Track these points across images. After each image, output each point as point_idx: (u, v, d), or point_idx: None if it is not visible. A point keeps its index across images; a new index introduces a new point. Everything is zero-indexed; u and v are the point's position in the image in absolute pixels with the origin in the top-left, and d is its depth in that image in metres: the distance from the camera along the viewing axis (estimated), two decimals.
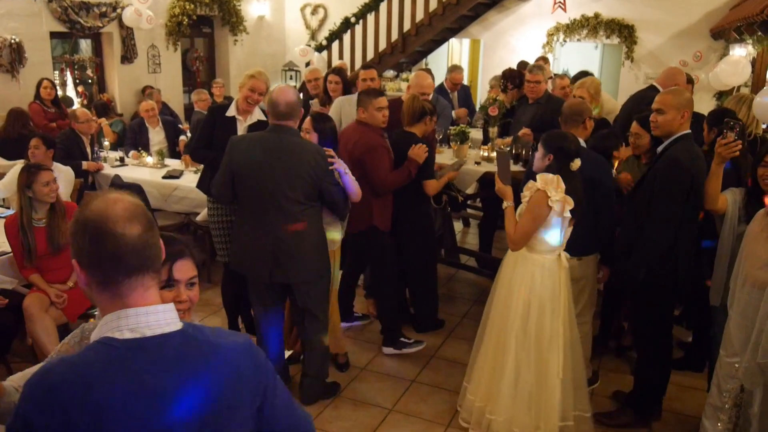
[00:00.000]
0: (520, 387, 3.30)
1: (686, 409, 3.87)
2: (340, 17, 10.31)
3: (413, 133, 4.24)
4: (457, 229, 7.10)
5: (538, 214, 3.12)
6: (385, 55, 9.97)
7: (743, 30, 6.43)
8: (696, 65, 8.85)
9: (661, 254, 3.32)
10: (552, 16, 9.71)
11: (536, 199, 3.13)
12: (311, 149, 3.45)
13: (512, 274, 3.33)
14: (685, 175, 3.24)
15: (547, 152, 3.21)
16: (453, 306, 5.22)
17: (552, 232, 3.19)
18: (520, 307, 3.26)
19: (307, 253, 3.52)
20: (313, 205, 3.50)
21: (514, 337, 3.28)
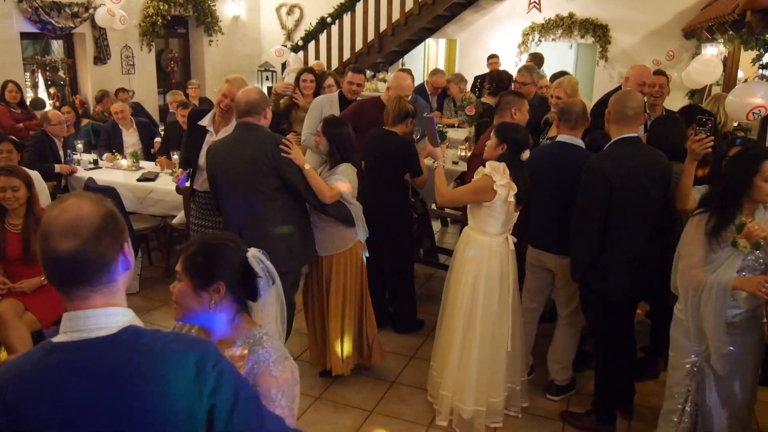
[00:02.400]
0: (465, 363, 3.49)
1: None
2: (316, 17, 10.28)
3: (395, 132, 4.26)
4: (435, 229, 7.12)
5: (477, 192, 3.40)
6: (361, 55, 9.96)
7: (714, 29, 6.52)
8: (669, 64, 8.98)
9: (589, 262, 3.34)
10: (527, 16, 9.79)
11: (481, 181, 3.39)
12: (268, 139, 3.50)
13: (463, 256, 3.53)
14: (601, 182, 3.21)
15: (501, 142, 3.41)
16: (432, 306, 5.20)
17: (498, 216, 3.43)
18: (469, 285, 3.47)
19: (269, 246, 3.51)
20: (279, 197, 3.52)
21: (462, 313, 3.48)
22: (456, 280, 3.56)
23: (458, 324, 3.51)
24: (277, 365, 1.74)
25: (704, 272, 2.76)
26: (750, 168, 2.67)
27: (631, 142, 3.28)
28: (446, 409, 3.61)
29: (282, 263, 3.66)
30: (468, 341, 3.49)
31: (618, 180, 3.19)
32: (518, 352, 3.65)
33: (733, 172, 2.75)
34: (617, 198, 3.20)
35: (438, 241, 6.95)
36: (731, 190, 2.72)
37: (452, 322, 3.56)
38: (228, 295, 1.80)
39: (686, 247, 2.85)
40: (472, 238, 3.51)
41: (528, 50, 9.92)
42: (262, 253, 1.89)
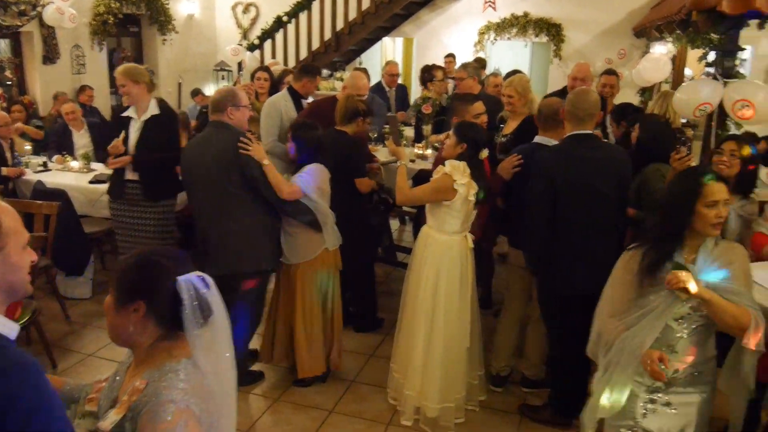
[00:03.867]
0: (429, 362, 3.51)
1: None
2: (273, 16, 10.19)
3: (344, 131, 4.25)
4: (393, 227, 7.13)
5: (438, 191, 3.41)
6: (318, 54, 9.92)
7: (663, 28, 6.69)
8: (620, 62, 9.16)
9: (538, 257, 3.44)
10: (483, 14, 9.89)
11: (442, 180, 3.39)
12: (231, 136, 3.53)
13: (422, 255, 3.53)
14: (544, 179, 3.29)
15: (460, 141, 3.43)
16: (391, 304, 5.21)
17: (457, 215, 3.44)
18: (430, 284, 3.48)
19: (234, 246, 3.63)
20: (244, 196, 3.56)
21: (424, 313, 3.50)
22: (416, 280, 3.56)
23: (420, 324, 3.52)
24: (161, 410, 1.48)
25: (621, 322, 2.34)
26: (690, 193, 2.25)
27: (583, 138, 3.32)
28: (411, 409, 3.62)
29: (248, 264, 3.71)
30: (431, 340, 3.51)
31: (562, 177, 3.23)
32: (476, 348, 3.70)
33: (672, 199, 2.34)
34: (562, 194, 3.24)
35: (396, 239, 6.98)
36: (670, 220, 2.32)
37: (414, 322, 3.56)
38: (149, 317, 1.60)
39: (610, 290, 2.46)
40: (431, 237, 3.52)
41: (484, 49, 10.03)
42: (203, 282, 1.63)
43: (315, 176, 3.69)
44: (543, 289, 3.58)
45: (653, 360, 2.20)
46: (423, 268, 3.52)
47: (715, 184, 2.23)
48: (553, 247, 3.33)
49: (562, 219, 3.29)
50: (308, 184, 3.65)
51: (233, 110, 3.60)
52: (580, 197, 3.25)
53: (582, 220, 3.28)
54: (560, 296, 3.44)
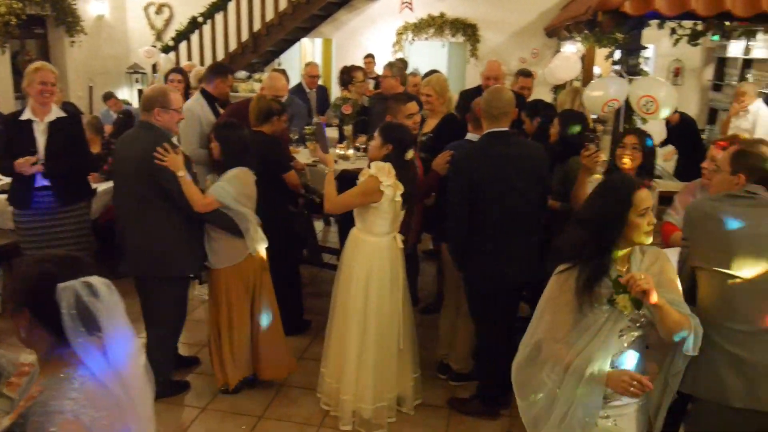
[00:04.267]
0: (363, 364, 3.52)
1: None
2: (187, 17, 9.94)
3: (261, 131, 4.20)
4: (318, 228, 7.11)
5: (365, 194, 3.40)
6: (236, 56, 9.75)
7: (572, 28, 6.95)
8: (533, 62, 9.46)
9: (460, 251, 3.52)
10: (400, 15, 9.99)
11: (368, 183, 3.38)
12: (152, 141, 3.45)
13: (352, 259, 3.53)
14: (461, 176, 3.38)
15: (386, 142, 3.43)
16: (318, 305, 5.20)
17: (386, 216, 3.46)
18: (361, 287, 3.47)
19: (148, 250, 3.62)
20: (160, 200, 3.50)
21: (356, 316, 3.49)
22: (346, 283, 3.55)
23: (352, 327, 3.51)
24: (47, 420, 1.42)
25: (569, 347, 2.22)
26: (623, 204, 2.19)
27: (499, 135, 3.40)
28: (348, 413, 3.59)
29: (163, 268, 3.65)
30: (364, 343, 3.51)
31: (478, 173, 3.31)
32: (409, 349, 3.71)
33: (603, 212, 2.22)
34: (479, 191, 3.32)
35: (321, 240, 6.96)
36: (604, 234, 2.20)
37: (346, 325, 3.54)
38: (36, 324, 1.53)
39: (549, 315, 2.31)
40: (360, 240, 3.52)
41: (402, 49, 10.14)
42: (89, 289, 1.53)
43: (234, 184, 3.62)
44: (466, 284, 3.67)
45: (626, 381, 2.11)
46: (353, 271, 3.51)
47: (643, 191, 2.22)
48: (474, 243, 3.41)
49: (480, 215, 3.36)
50: (226, 195, 3.57)
51: (161, 112, 3.52)
52: (498, 194, 3.33)
53: (500, 216, 3.36)
54: (483, 291, 3.52)
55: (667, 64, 9.69)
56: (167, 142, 3.49)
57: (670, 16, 4.36)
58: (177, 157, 3.45)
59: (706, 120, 9.66)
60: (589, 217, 2.26)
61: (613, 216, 2.19)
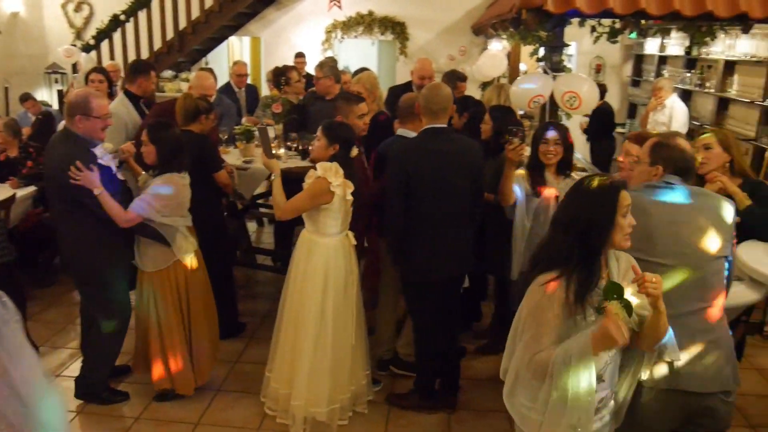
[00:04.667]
0: (318, 368, 3.45)
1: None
2: (108, 14, 9.60)
3: (189, 130, 4.10)
4: (251, 230, 7.03)
5: (315, 196, 3.35)
6: (161, 55, 9.49)
7: (498, 26, 7.10)
8: (462, 59, 9.63)
9: (397, 245, 3.55)
10: (329, 13, 9.95)
11: (317, 184, 3.34)
12: (67, 155, 3.33)
13: (306, 262, 3.46)
14: (398, 170, 3.41)
15: (332, 142, 3.40)
16: (253, 307, 5.16)
17: (337, 216, 3.43)
18: (318, 290, 3.42)
19: (68, 250, 3.59)
20: (75, 210, 3.42)
21: (313, 319, 3.42)
22: (300, 288, 3.47)
23: (308, 332, 3.43)
24: None
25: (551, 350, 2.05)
26: (611, 205, 2.08)
27: (437, 132, 3.45)
28: (300, 418, 3.51)
29: (82, 274, 3.59)
30: (320, 346, 3.45)
31: (415, 167, 3.36)
32: (361, 345, 3.69)
33: (591, 215, 2.07)
34: (416, 186, 3.37)
35: (255, 241, 6.88)
36: (592, 238, 2.06)
37: (298, 330, 3.47)
38: None
39: (532, 330, 2.10)
40: (313, 242, 3.47)
41: (331, 47, 10.12)
42: None
43: (159, 198, 3.49)
44: (402, 278, 3.71)
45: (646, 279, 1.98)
46: (308, 275, 3.44)
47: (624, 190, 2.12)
48: (411, 237, 3.46)
49: (417, 210, 3.41)
50: (149, 209, 3.46)
51: (82, 119, 3.39)
52: (434, 189, 3.38)
53: (437, 210, 3.42)
54: (418, 284, 3.58)
55: (589, 61, 10.05)
56: (86, 153, 3.36)
57: (590, 14, 4.52)
58: (92, 175, 3.32)
59: (626, 114, 10.07)
60: (574, 221, 2.08)
61: (602, 218, 2.06)
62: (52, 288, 5.51)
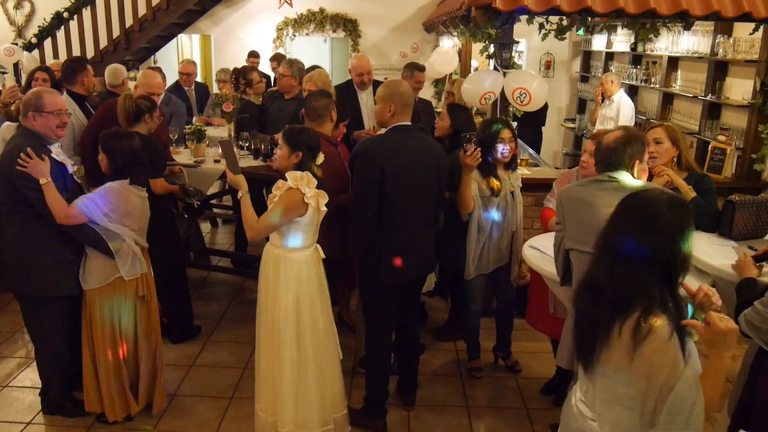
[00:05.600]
0: (301, 388, 3.28)
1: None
2: (50, 12, 9.32)
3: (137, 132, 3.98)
4: (205, 231, 6.93)
5: (289, 210, 3.10)
6: (107, 53, 9.25)
7: (449, 23, 7.14)
8: (414, 56, 9.65)
9: (366, 247, 3.38)
10: (280, 11, 9.87)
11: (290, 196, 3.10)
12: (16, 144, 3.26)
13: (275, 281, 3.23)
14: (373, 166, 3.26)
15: (294, 150, 3.17)
16: (208, 309, 5.09)
17: (310, 228, 3.22)
18: (291, 310, 3.21)
19: (13, 262, 3.40)
20: (21, 210, 3.30)
21: (288, 339, 3.22)
22: (272, 309, 3.24)
23: (285, 353, 3.23)
24: None
25: None
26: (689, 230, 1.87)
27: (404, 129, 3.39)
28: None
29: (33, 287, 3.42)
30: (302, 366, 3.26)
31: (389, 164, 3.25)
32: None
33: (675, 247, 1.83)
34: (389, 182, 3.26)
35: (209, 242, 6.79)
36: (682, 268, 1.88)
37: (277, 353, 3.25)
38: None
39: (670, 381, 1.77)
40: (283, 258, 3.21)
41: (283, 45, 10.04)
42: None
43: (107, 199, 3.31)
44: (368, 278, 3.52)
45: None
46: (280, 296, 3.20)
47: None
48: (382, 237, 3.34)
49: (389, 209, 3.31)
50: (95, 209, 3.27)
51: (35, 115, 3.30)
52: (407, 187, 3.31)
53: (408, 209, 3.35)
54: (384, 285, 3.43)
55: (539, 58, 10.21)
56: (39, 145, 3.26)
57: (538, 11, 4.57)
58: (41, 164, 3.20)
59: (576, 109, 10.27)
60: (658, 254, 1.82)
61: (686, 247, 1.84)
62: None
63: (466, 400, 3.97)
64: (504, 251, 4.01)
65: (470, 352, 4.28)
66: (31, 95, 3.38)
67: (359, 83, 5.35)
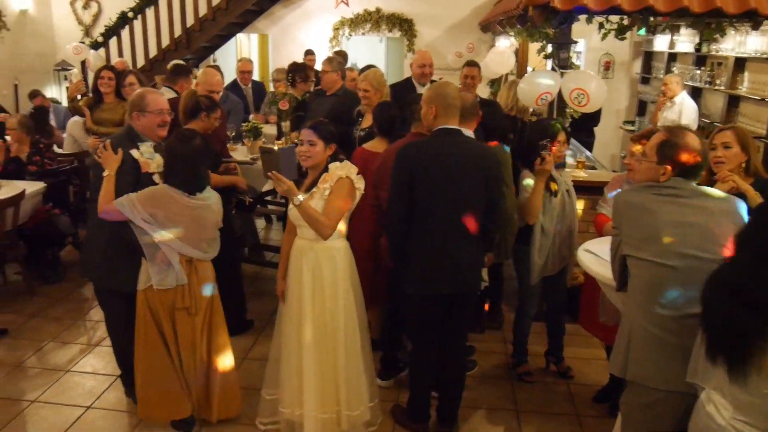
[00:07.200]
0: (326, 380, 3.28)
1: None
2: (116, 12, 9.65)
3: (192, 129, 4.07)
4: (259, 227, 7.04)
5: (349, 197, 3.19)
6: (169, 52, 9.52)
7: (505, 23, 7.08)
8: (470, 56, 9.55)
9: (398, 251, 3.32)
10: (337, 10, 9.96)
11: (345, 185, 3.17)
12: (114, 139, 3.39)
13: (302, 271, 3.24)
14: (403, 170, 3.19)
15: (329, 142, 3.22)
16: (261, 305, 5.16)
17: (348, 216, 3.28)
18: (319, 299, 3.23)
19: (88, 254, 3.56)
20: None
21: (313, 331, 3.23)
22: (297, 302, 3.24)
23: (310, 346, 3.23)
24: None
25: None
26: None
27: (448, 133, 3.21)
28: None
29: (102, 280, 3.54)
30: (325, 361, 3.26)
31: (420, 169, 3.15)
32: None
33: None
34: (419, 188, 3.15)
35: (263, 238, 6.89)
36: None
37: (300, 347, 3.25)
38: None
39: None
40: (310, 248, 3.22)
41: (339, 45, 10.12)
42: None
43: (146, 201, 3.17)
44: (400, 285, 3.43)
45: None
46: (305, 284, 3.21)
47: None
48: (411, 242, 3.25)
49: (418, 215, 3.20)
50: (133, 210, 3.15)
51: (139, 116, 3.42)
52: (439, 194, 3.16)
53: (439, 218, 3.18)
54: (414, 293, 3.33)
55: (598, 58, 10.00)
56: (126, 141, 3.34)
57: (597, 11, 4.49)
58: (112, 156, 3.27)
59: (635, 112, 10.02)
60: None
61: None
62: (59, 285, 5.55)
63: (516, 404, 3.92)
64: (565, 251, 3.97)
65: (519, 355, 4.23)
66: (135, 95, 3.49)
67: (419, 75, 5.34)
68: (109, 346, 3.99)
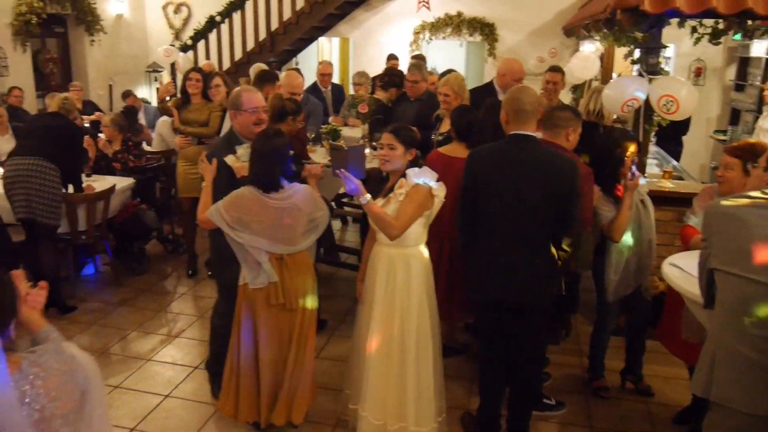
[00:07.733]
0: (424, 387, 3.25)
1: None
2: (205, 16, 10.02)
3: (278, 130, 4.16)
4: (335, 228, 7.12)
5: (423, 205, 3.14)
6: (253, 55, 9.79)
7: (590, 27, 6.88)
8: (552, 61, 9.36)
9: (463, 252, 3.34)
10: (417, 14, 9.97)
11: (421, 191, 3.12)
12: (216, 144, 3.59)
13: (377, 275, 3.24)
14: (468, 174, 3.19)
15: (409, 147, 3.21)
16: (334, 305, 5.22)
17: (427, 222, 3.25)
18: (408, 305, 3.20)
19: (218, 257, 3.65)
20: None
21: (404, 337, 3.20)
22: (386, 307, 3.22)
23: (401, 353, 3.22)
24: None
25: None
26: None
27: (521, 139, 3.12)
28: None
29: (218, 273, 3.76)
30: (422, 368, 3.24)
31: (483, 173, 3.12)
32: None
33: None
34: (481, 192, 3.12)
35: (338, 239, 6.97)
36: None
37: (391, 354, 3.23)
38: None
39: None
40: (395, 254, 3.21)
41: (420, 48, 10.12)
42: None
43: (229, 206, 3.17)
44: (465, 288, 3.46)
45: None
46: (388, 289, 3.20)
47: None
48: (473, 248, 3.23)
49: (480, 219, 3.16)
50: (218, 216, 3.17)
51: (235, 114, 3.51)
52: (502, 201, 3.09)
53: (501, 226, 3.11)
54: (475, 300, 3.31)
55: (688, 64, 9.59)
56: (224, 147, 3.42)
57: (691, 14, 4.29)
58: (207, 167, 3.38)
59: (728, 121, 9.54)
60: None
61: None
62: (144, 276, 5.79)
63: (590, 420, 3.80)
64: (644, 263, 3.79)
65: (596, 371, 4.08)
66: (233, 93, 3.57)
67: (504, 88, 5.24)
68: (188, 338, 4.14)
